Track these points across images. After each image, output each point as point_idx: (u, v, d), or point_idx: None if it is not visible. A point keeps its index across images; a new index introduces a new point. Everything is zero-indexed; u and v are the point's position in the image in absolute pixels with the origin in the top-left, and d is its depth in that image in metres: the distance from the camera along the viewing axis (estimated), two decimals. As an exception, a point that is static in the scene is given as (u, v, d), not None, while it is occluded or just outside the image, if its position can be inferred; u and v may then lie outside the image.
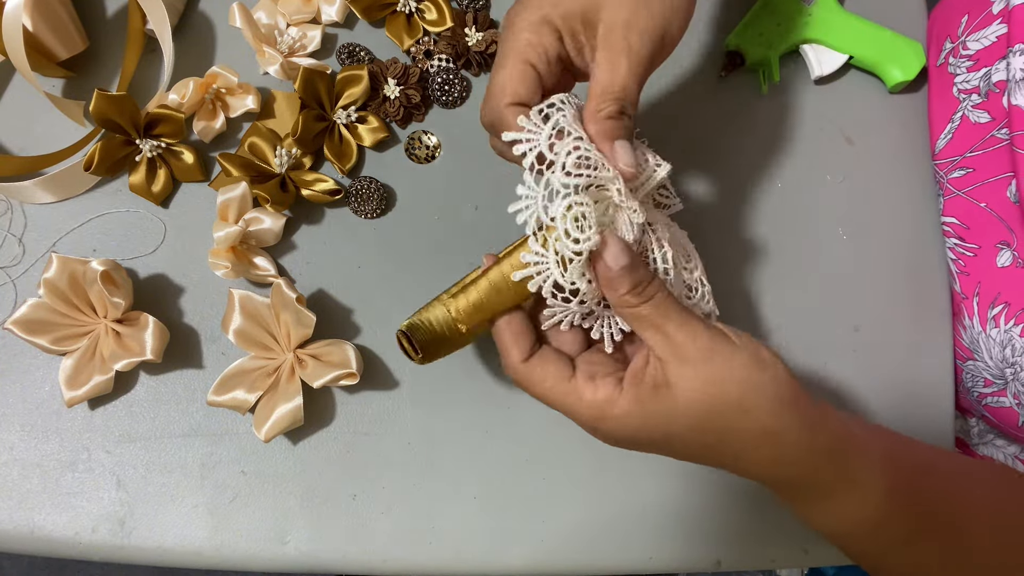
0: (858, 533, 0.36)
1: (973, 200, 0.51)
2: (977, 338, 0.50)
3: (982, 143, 0.50)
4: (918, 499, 0.36)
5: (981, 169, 0.51)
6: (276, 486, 0.48)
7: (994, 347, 0.49)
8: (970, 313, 0.51)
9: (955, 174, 0.52)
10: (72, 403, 0.46)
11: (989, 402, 0.52)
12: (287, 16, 0.54)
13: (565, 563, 0.48)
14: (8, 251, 0.51)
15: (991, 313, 0.49)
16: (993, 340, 0.49)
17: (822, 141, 0.55)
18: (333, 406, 0.49)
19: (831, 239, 0.54)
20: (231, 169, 0.49)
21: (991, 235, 0.50)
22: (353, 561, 0.48)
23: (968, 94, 0.51)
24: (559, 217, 0.32)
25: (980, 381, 0.52)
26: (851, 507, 0.35)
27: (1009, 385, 0.49)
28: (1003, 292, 0.49)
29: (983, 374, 0.51)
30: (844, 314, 0.53)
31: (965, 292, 0.52)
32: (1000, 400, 0.51)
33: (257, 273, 0.49)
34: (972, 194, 0.51)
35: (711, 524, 0.49)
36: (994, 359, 0.49)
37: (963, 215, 0.52)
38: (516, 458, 0.49)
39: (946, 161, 0.53)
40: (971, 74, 0.51)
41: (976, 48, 0.51)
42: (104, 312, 0.47)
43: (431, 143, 0.53)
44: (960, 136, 0.52)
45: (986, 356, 0.50)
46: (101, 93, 0.47)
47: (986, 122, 0.50)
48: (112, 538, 0.47)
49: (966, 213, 0.52)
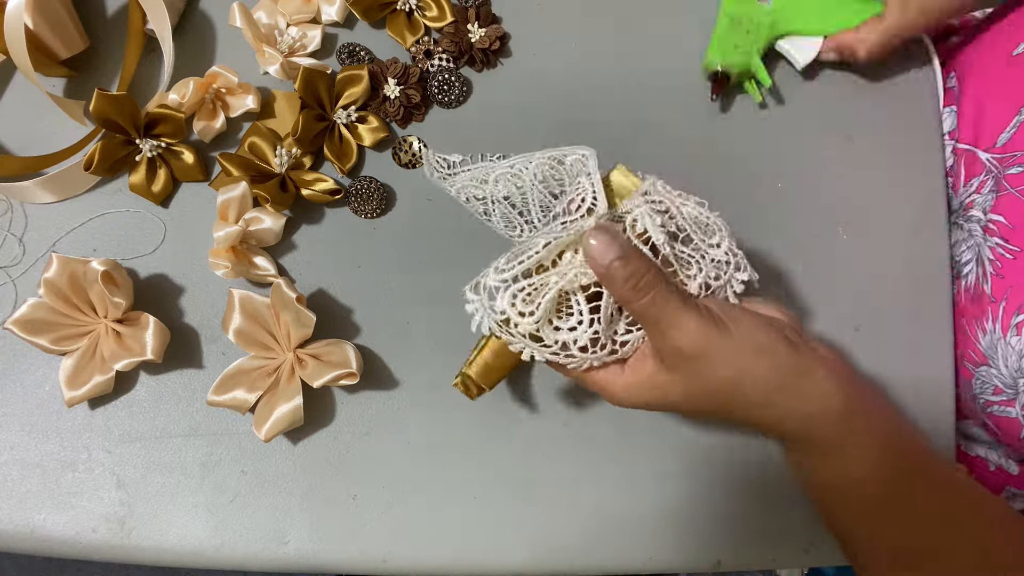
0: (840, 490, 0.37)
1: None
2: (996, 344, 0.50)
3: None
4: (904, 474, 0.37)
5: None
6: (276, 486, 0.48)
7: (1011, 355, 0.48)
8: (994, 317, 0.50)
9: (1013, 170, 0.50)
10: (72, 403, 0.46)
11: (995, 411, 0.51)
12: (287, 16, 0.54)
13: (565, 563, 0.48)
14: (8, 251, 0.51)
15: (1015, 320, 0.48)
16: (1012, 348, 0.48)
17: (822, 141, 0.55)
18: (333, 406, 0.49)
19: (831, 239, 0.54)
20: (231, 169, 0.49)
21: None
22: (353, 561, 0.48)
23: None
24: (507, 308, 0.36)
25: (990, 388, 0.51)
26: (840, 463, 0.36)
27: (1020, 396, 0.48)
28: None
29: (994, 381, 0.50)
30: (844, 314, 0.53)
31: (995, 295, 0.50)
32: (1007, 410, 0.50)
33: (257, 273, 0.49)
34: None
35: (711, 524, 0.49)
36: (1009, 367, 0.48)
37: (1012, 215, 0.50)
38: (516, 458, 0.49)
39: (1007, 155, 0.51)
40: None
41: None
42: (104, 312, 0.47)
43: (417, 150, 0.53)
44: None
45: (1001, 363, 0.49)
46: (101, 93, 0.47)
47: None
48: (112, 538, 0.47)
49: (1016, 213, 0.50)
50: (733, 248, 0.40)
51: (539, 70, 0.56)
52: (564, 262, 0.37)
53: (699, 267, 0.39)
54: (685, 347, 0.35)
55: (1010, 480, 0.57)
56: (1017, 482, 0.57)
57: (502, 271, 0.37)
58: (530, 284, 0.36)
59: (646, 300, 0.35)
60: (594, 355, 0.37)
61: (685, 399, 0.37)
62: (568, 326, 0.37)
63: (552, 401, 0.50)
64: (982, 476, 0.58)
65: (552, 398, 0.50)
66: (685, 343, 0.35)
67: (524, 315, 0.36)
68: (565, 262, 0.37)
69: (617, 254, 0.34)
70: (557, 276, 0.36)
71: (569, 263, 0.37)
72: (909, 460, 0.37)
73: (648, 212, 0.38)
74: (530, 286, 0.36)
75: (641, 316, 0.36)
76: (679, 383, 0.36)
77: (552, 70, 0.56)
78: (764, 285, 0.53)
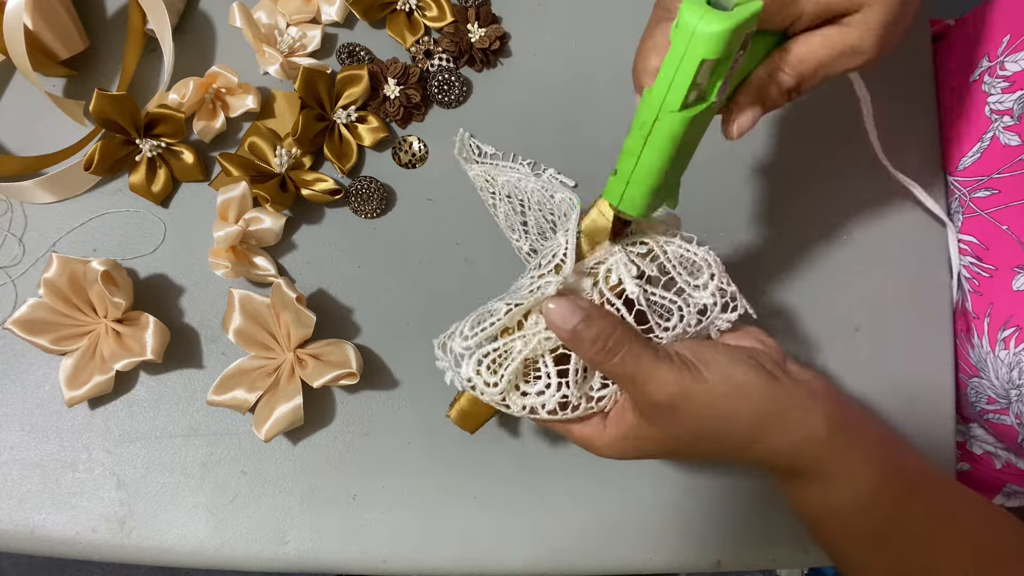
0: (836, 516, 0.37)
1: (995, 222, 0.50)
2: (985, 358, 0.50)
3: (1010, 166, 0.49)
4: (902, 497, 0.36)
5: (1007, 191, 0.50)
6: (276, 486, 0.48)
7: (1001, 368, 0.49)
8: (980, 333, 0.51)
9: (979, 194, 0.51)
10: (72, 403, 0.46)
11: (991, 418, 0.52)
12: (287, 16, 0.54)
13: (565, 563, 0.48)
14: (8, 251, 0.51)
15: (1001, 335, 0.48)
16: (1001, 361, 0.48)
17: (822, 141, 0.55)
18: (333, 406, 0.49)
19: (831, 239, 0.54)
20: (231, 169, 0.49)
21: (1010, 258, 0.50)
22: (353, 561, 0.48)
23: (1001, 115, 0.50)
24: (473, 376, 0.36)
25: (984, 398, 0.51)
26: (836, 488, 0.36)
27: (1012, 405, 0.49)
28: (1015, 315, 0.48)
29: (987, 392, 0.51)
30: (844, 314, 0.53)
31: (976, 312, 0.51)
32: (1002, 418, 0.51)
33: (257, 273, 0.49)
34: (995, 216, 0.50)
35: (711, 524, 0.49)
36: (1000, 379, 0.49)
37: (983, 235, 0.52)
38: (516, 458, 0.49)
39: (971, 180, 0.53)
40: (1006, 95, 0.50)
41: (1014, 70, 0.50)
42: (104, 312, 0.47)
43: (417, 150, 0.53)
44: (988, 156, 0.51)
45: (992, 376, 0.50)
46: (101, 93, 0.47)
47: (1016, 145, 0.49)
48: (112, 538, 0.47)
49: (986, 234, 0.51)
50: (723, 284, 0.38)
51: (539, 70, 0.56)
52: (529, 325, 0.36)
53: (680, 315, 0.37)
54: (662, 400, 0.34)
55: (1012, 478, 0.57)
56: (1018, 480, 0.57)
57: (466, 337, 0.36)
58: (495, 350, 0.36)
59: (616, 360, 0.34)
60: (564, 416, 0.37)
61: (674, 446, 0.36)
62: (536, 390, 0.36)
63: (552, 401, 0.50)
64: (988, 473, 0.58)
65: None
66: (662, 396, 0.34)
67: (488, 385, 0.36)
68: (530, 325, 0.36)
69: (580, 318, 0.34)
70: (522, 343, 0.36)
71: (534, 327, 0.36)
72: (900, 478, 0.37)
73: (624, 262, 0.36)
74: (495, 351, 0.36)
75: (614, 376, 0.35)
76: (663, 432, 0.36)
77: (552, 70, 0.56)
78: (764, 286, 0.53)
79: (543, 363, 0.36)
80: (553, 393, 0.36)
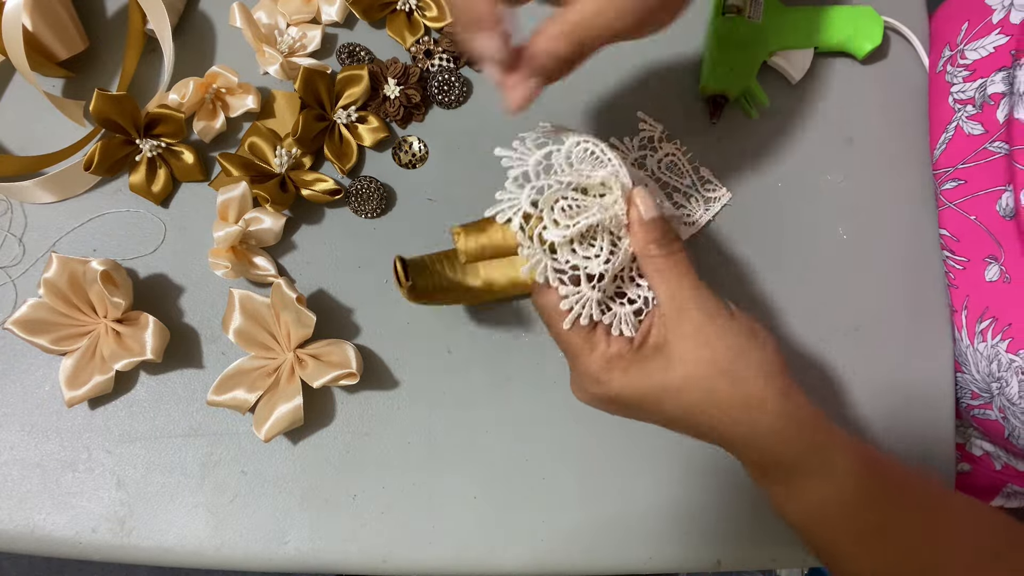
0: (825, 516, 0.37)
1: (964, 213, 0.50)
2: (965, 351, 0.50)
3: (974, 155, 0.49)
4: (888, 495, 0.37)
5: (973, 181, 0.50)
6: (276, 486, 0.48)
7: (981, 361, 0.49)
8: (959, 326, 0.51)
9: (947, 185, 0.51)
10: (72, 403, 0.46)
11: (976, 414, 0.52)
12: (287, 16, 0.54)
13: (565, 563, 0.48)
14: (8, 251, 0.51)
15: (979, 327, 0.49)
16: (980, 354, 0.49)
17: (822, 141, 0.55)
18: (333, 406, 0.49)
19: (831, 239, 0.54)
20: (231, 169, 0.49)
21: (980, 249, 0.50)
22: (353, 561, 0.48)
23: (963, 104, 0.51)
24: (546, 209, 0.36)
25: (968, 393, 0.52)
26: (822, 487, 0.36)
27: (995, 399, 0.49)
28: (991, 307, 0.48)
29: (970, 387, 0.51)
30: (844, 314, 0.53)
31: (955, 305, 0.51)
32: (986, 413, 0.51)
33: (257, 273, 0.49)
34: (963, 206, 0.50)
35: (711, 524, 0.49)
36: (981, 373, 0.49)
37: (954, 227, 0.52)
38: (516, 458, 0.49)
39: (940, 171, 0.53)
40: (967, 84, 0.50)
41: (974, 58, 0.50)
42: (104, 312, 0.47)
43: (417, 151, 0.53)
44: (954, 147, 0.52)
45: (973, 370, 0.50)
46: (101, 93, 0.47)
47: (979, 134, 0.49)
48: (112, 538, 0.47)
49: (957, 225, 0.52)
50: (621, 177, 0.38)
51: (539, 70, 0.55)
52: (607, 201, 0.37)
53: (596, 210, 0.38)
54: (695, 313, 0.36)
55: (1011, 479, 0.57)
56: (1018, 480, 0.57)
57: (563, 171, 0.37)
58: (574, 199, 0.37)
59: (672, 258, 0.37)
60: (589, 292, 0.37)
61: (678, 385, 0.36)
62: (583, 254, 0.37)
63: (553, 401, 0.50)
64: (988, 474, 0.58)
65: (553, 398, 0.50)
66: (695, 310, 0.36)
67: (558, 224, 0.36)
68: (608, 202, 0.37)
69: (659, 212, 0.37)
70: (599, 210, 0.37)
71: (612, 205, 0.37)
72: (884, 474, 0.37)
73: None
74: (574, 200, 0.37)
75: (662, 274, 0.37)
76: (651, 380, 0.37)
77: (552, 70, 0.55)
78: (764, 286, 0.53)
79: (601, 236, 0.37)
80: (599, 263, 0.37)
